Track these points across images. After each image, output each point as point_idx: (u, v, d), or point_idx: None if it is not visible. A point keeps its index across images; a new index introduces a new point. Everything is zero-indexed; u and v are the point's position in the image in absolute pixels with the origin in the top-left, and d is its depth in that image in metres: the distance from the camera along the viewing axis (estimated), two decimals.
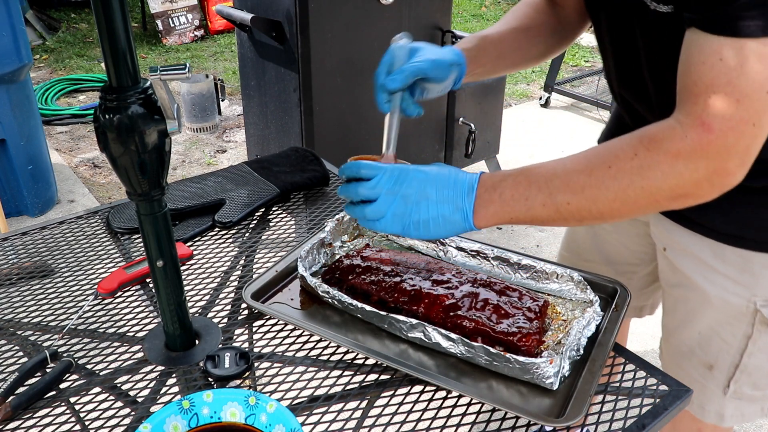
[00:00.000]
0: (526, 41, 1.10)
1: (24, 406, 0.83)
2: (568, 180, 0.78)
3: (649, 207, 0.78)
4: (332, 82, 2.38)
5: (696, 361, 1.06)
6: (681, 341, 1.08)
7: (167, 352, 0.93)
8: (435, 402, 0.85)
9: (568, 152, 4.35)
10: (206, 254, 1.18)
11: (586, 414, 0.80)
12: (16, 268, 1.12)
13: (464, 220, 0.82)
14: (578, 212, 0.79)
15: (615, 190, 0.76)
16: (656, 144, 0.75)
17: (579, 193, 0.78)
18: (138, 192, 0.80)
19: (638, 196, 0.76)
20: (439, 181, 0.83)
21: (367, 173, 0.85)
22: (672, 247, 1.06)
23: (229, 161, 3.66)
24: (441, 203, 0.82)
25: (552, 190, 0.79)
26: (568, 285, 1.03)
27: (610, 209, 0.78)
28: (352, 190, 0.85)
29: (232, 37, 5.65)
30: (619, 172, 0.76)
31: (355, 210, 0.86)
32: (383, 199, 0.83)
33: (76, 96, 4.50)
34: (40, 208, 3.00)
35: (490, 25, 4.20)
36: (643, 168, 0.75)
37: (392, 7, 2.41)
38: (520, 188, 0.80)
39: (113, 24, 0.71)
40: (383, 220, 0.84)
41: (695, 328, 1.05)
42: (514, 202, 0.81)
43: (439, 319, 0.93)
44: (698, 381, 1.06)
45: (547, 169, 0.81)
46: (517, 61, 1.11)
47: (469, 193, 0.82)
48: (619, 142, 0.79)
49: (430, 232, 0.83)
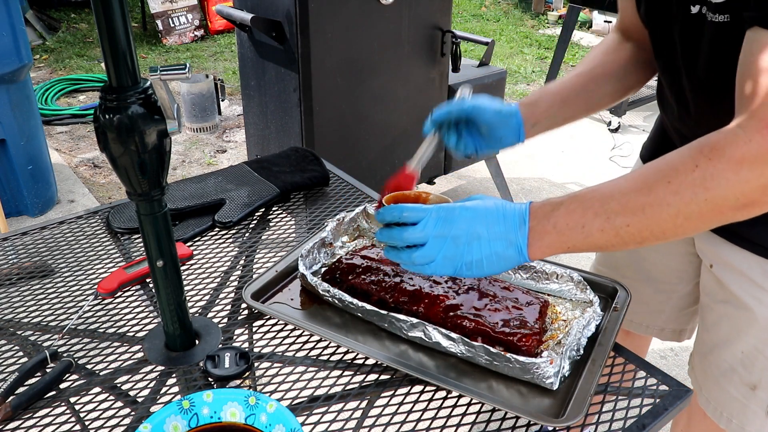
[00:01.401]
0: (592, 83, 1.08)
1: (24, 406, 0.83)
2: (625, 201, 0.74)
3: (714, 220, 0.74)
4: (332, 82, 2.38)
5: (738, 380, 1.02)
6: (721, 359, 1.05)
7: (167, 352, 0.93)
8: (435, 402, 0.85)
9: (568, 152, 4.28)
10: (206, 254, 1.18)
11: (586, 414, 0.80)
12: (16, 268, 1.12)
13: (519, 255, 0.79)
14: (639, 234, 0.75)
15: (677, 206, 0.72)
16: (718, 152, 0.71)
17: (639, 214, 0.74)
18: (138, 192, 0.80)
19: (702, 209, 0.72)
20: (489, 218, 0.79)
21: (412, 217, 0.80)
22: (719, 263, 1.03)
23: (229, 161, 3.66)
24: (493, 241, 0.79)
25: (609, 214, 0.75)
26: (568, 285, 1.03)
27: (674, 227, 0.74)
28: (397, 235, 0.81)
29: (232, 37, 5.66)
30: (681, 186, 0.72)
31: (401, 255, 0.82)
32: (432, 243, 0.79)
33: (76, 96, 4.50)
34: (40, 208, 3.00)
35: (489, 25, 4.19)
36: (705, 179, 0.71)
37: (392, 7, 2.41)
38: (575, 215, 0.76)
39: (113, 24, 0.71)
40: (433, 264, 0.80)
41: (738, 347, 1.01)
42: (569, 230, 0.77)
43: (439, 318, 0.93)
44: (739, 401, 1.03)
45: (602, 193, 0.77)
46: (587, 104, 1.08)
47: (521, 227, 0.78)
48: (677, 154, 0.75)
49: (484, 271, 0.80)
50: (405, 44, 2.53)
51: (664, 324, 1.28)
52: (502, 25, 6.50)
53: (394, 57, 2.52)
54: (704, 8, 0.81)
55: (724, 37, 0.79)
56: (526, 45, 5.92)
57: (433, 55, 2.65)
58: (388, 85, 2.55)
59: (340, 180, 1.45)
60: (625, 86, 1.10)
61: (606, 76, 1.09)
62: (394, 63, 2.53)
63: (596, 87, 1.08)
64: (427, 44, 2.60)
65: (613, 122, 4.03)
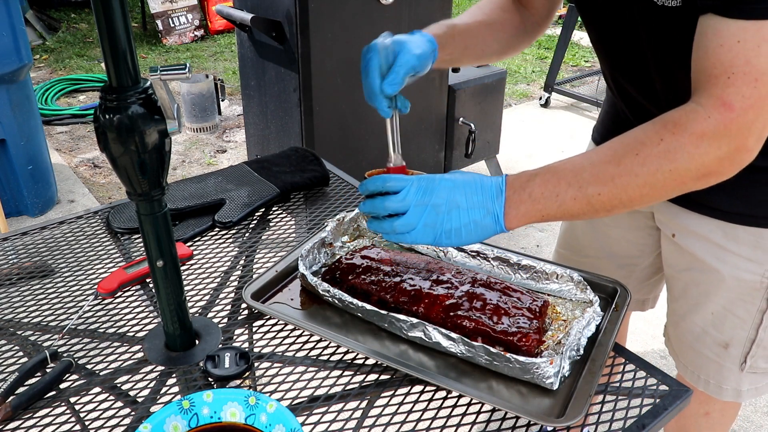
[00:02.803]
0: (490, 36, 1.11)
1: (24, 406, 0.83)
2: (596, 172, 0.80)
3: (676, 189, 0.80)
4: (332, 82, 2.38)
5: (710, 341, 1.08)
6: (693, 324, 1.11)
7: (167, 352, 0.93)
8: (435, 402, 0.85)
9: (568, 152, 4.31)
10: (206, 254, 1.18)
11: (586, 414, 0.80)
12: (16, 268, 1.12)
13: (495, 223, 0.83)
14: (609, 202, 0.80)
15: (644, 176, 0.78)
16: (681, 127, 0.77)
17: (609, 183, 0.79)
18: (138, 192, 0.80)
19: (666, 179, 0.78)
20: (467, 188, 0.83)
21: (394, 186, 0.84)
22: (681, 232, 1.08)
23: (229, 161, 3.66)
24: (471, 209, 0.83)
25: (582, 184, 0.80)
26: (568, 285, 1.03)
27: (640, 195, 0.79)
28: (379, 204, 0.85)
29: (232, 37, 5.66)
30: (647, 158, 0.78)
31: (383, 224, 0.85)
32: (413, 211, 0.83)
33: (76, 96, 4.50)
34: (40, 208, 3.00)
35: None
36: (669, 151, 0.77)
37: (392, 7, 2.41)
38: (549, 185, 0.81)
39: (113, 24, 0.71)
40: (414, 231, 0.84)
41: (708, 309, 1.07)
42: (544, 199, 0.81)
43: (439, 319, 0.93)
44: (714, 360, 1.08)
45: (574, 164, 0.82)
46: (479, 54, 1.12)
47: (498, 196, 0.83)
48: (643, 129, 0.81)
49: (462, 239, 0.84)
50: None
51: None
52: None
53: None
54: None
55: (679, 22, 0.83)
56: None
57: None
58: None
59: (340, 180, 1.45)
60: (510, 47, 1.15)
61: (501, 32, 1.12)
62: None
63: (492, 41, 1.11)
64: None
65: None
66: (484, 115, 2.98)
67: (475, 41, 1.09)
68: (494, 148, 3.14)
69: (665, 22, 0.86)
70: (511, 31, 1.13)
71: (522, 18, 1.13)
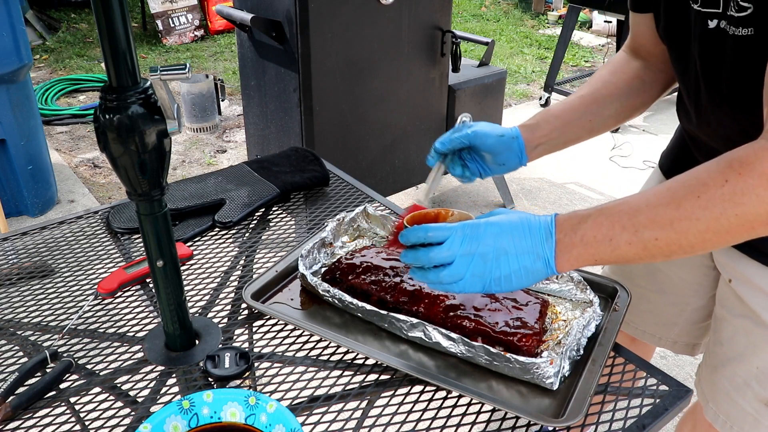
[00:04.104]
0: (595, 105, 1.07)
1: (24, 406, 0.83)
2: (654, 215, 0.74)
3: (743, 235, 0.74)
4: (332, 82, 2.38)
5: (751, 395, 1.02)
6: (735, 373, 1.04)
7: (167, 352, 0.93)
8: (435, 402, 0.85)
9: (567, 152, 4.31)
10: (206, 254, 1.18)
11: (586, 414, 0.80)
12: (16, 268, 1.12)
13: (546, 267, 0.79)
14: (668, 248, 0.75)
15: (707, 221, 0.72)
16: (748, 167, 0.71)
17: (667, 228, 0.74)
18: (138, 192, 0.80)
19: (732, 224, 0.72)
20: (515, 233, 0.79)
21: (438, 236, 0.80)
22: (738, 278, 1.02)
23: (229, 161, 3.66)
24: (521, 255, 0.79)
25: (637, 228, 0.75)
26: (568, 285, 1.03)
27: (702, 241, 0.74)
28: (423, 256, 0.81)
29: (232, 37, 5.66)
30: (710, 201, 0.71)
31: (428, 275, 0.82)
32: (459, 261, 0.79)
33: (76, 96, 4.50)
34: (40, 208, 3.00)
35: (489, 25, 4.19)
36: (735, 194, 0.71)
37: (392, 7, 2.41)
38: (603, 228, 0.76)
39: (113, 24, 0.71)
40: (462, 282, 0.80)
41: (754, 362, 1.01)
42: (597, 243, 0.77)
43: (439, 319, 0.93)
44: (751, 415, 1.02)
45: (630, 206, 0.77)
46: (589, 126, 1.07)
47: (548, 240, 0.78)
48: (706, 169, 0.74)
49: (512, 285, 0.80)
50: (405, 44, 2.53)
51: (677, 337, 1.27)
52: (502, 25, 6.50)
53: (394, 57, 2.52)
54: (723, 22, 0.81)
55: (748, 51, 0.78)
56: (526, 45, 5.92)
57: (433, 55, 2.65)
58: (388, 85, 2.55)
59: (340, 180, 1.45)
60: (629, 107, 1.09)
61: (610, 97, 1.08)
62: (394, 63, 2.53)
63: (599, 109, 1.07)
64: (427, 44, 2.60)
65: None
66: (484, 115, 2.98)
67: (576, 115, 1.06)
68: None
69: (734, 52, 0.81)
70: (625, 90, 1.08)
71: (639, 72, 1.08)
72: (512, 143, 1.03)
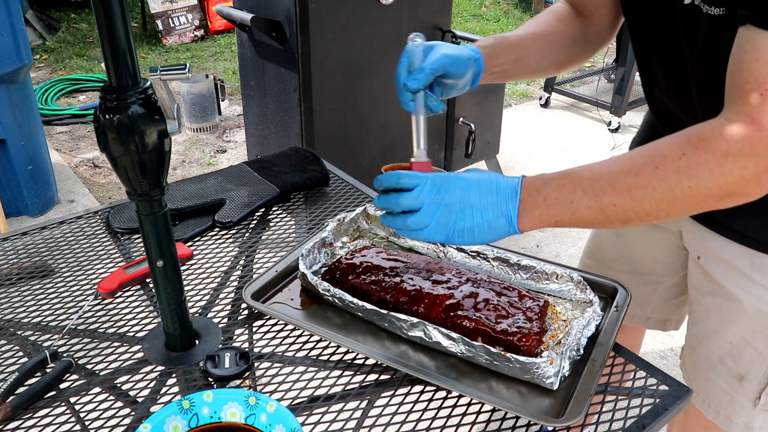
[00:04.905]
0: (545, 47, 1.08)
1: (24, 406, 0.83)
2: (613, 181, 0.78)
3: (695, 207, 0.78)
4: (332, 82, 2.38)
5: (725, 371, 1.04)
6: (710, 351, 1.06)
7: (167, 352, 0.93)
8: (435, 402, 0.85)
9: (568, 152, 4.28)
10: (206, 254, 1.18)
11: (586, 414, 0.80)
12: (16, 268, 1.12)
13: (509, 225, 0.82)
14: (624, 213, 0.78)
15: (662, 190, 0.75)
16: (705, 142, 0.74)
17: (625, 195, 0.77)
18: (138, 192, 0.80)
19: (686, 195, 0.75)
20: (482, 188, 0.82)
21: (408, 183, 0.83)
22: (706, 255, 1.04)
23: (229, 161, 3.66)
24: (485, 209, 0.82)
25: (597, 192, 0.78)
26: (568, 285, 1.03)
27: (657, 210, 0.77)
28: (393, 200, 0.84)
29: (232, 37, 5.65)
30: (667, 171, 0.75)
31: (396, 220, 0.84)
32: (426, 209, 0.82)
33: (76, 96, 4.50)
34: (40, 208, 3.00)
35: (489, 25, 4.20)
36: (691, 167, 0.74)
37: (392, 7, 2.41)
38: (565, 191, 0.80)
39: (113, 24, 0.71)
40: (427, 229, 0.83)
41: (726, 338, 1.03)
42: (559, 204, 0.80)
43: (439, 319, 0.93)
44: (727, 392, 1.04)
45: (592, 171, 0.80)
46: (535, 66, 1.08)
47: (512, 198, 0.81)
48: (666, 142, 0.78)
49: (475, 239, 0.83)
50: (405, 44, 2.53)
51: (649, 314, 1.30)
52: (502, 25, 6.49)
53: (394, 57, 2.50)
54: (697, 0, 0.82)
55: (719, 30, 0.80)
56: None
57: None
58: (388, 85, 2.55)
59: (340, 180, 1.45)
60: (569, 59, 1.12)
61: (557, 44, 1.09)
62: (394, 63, 2.50)
63: (547, 53, 1.08)
64: None
65: (613, 122, 4.03)
66: (484, 115, 2.98)
67: (528, 53, 1.06)
68: (494, 148, 3.14)
69: (708, 30, 0.82)
70: (569, 42, 1.09)
71: (582, 29, 1.10)
72: (476, 66, 0.99)
